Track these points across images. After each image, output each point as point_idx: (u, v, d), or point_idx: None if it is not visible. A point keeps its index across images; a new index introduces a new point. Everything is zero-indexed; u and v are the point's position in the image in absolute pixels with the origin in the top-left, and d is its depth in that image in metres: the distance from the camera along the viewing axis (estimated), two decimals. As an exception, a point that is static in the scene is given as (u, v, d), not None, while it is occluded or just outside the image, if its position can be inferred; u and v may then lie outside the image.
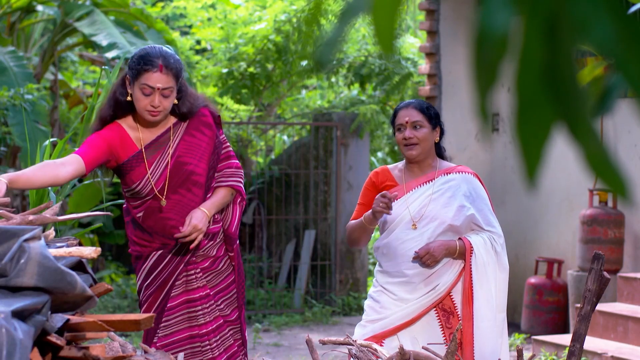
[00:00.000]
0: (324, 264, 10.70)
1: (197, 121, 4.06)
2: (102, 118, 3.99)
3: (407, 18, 13.20)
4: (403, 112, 4.26)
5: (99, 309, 9.42)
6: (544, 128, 1.03)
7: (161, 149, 4.03)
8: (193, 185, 4.05)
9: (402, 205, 4.26)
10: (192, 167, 4.04)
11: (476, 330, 4.18)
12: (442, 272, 4.22)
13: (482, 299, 4.19)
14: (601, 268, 3.55)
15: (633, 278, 7.54)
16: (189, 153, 4.04)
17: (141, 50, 3.96)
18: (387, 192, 4.13)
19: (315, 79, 12.70)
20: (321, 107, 13.09)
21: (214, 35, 12.71)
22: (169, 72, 3.90)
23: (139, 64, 3.90)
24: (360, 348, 3.49)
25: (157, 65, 3.89)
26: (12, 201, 9.87)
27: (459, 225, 4.23)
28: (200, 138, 4.06)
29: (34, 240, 2.62)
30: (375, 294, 4.30)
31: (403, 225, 4.24)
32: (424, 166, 4.32)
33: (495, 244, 4.27)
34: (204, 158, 4.06)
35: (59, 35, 10.86)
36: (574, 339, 3.52)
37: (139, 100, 3.91)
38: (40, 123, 8.91)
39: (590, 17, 1.02)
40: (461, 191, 4.26)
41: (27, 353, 2.35)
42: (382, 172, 4.37)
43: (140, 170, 4.00)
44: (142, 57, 3.92)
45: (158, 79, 3.88)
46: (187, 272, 4.13)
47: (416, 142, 4.23)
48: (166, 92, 3.91)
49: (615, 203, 8.11)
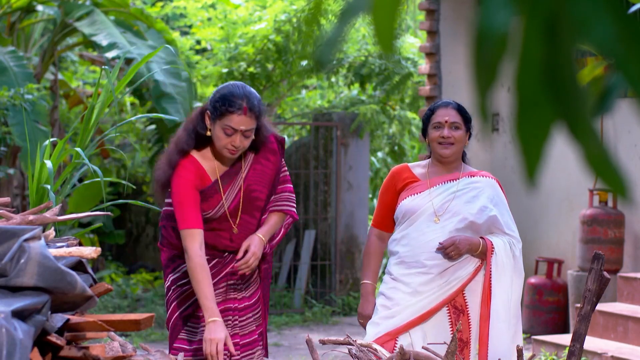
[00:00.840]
0: (324, 264, 10.70)
1: (265, 148, 4.06)
2: (182, 150, 3.95)
3: (407, 18, 13.20)
4: (443, 111, 4.29)
5: (99, 309, 9.42)
6: (544, 128, 1.03)
7: (234, 177, 4.03)
8: (256, 210, 4.08)
9: (426, 198, 4.28)
10: (258, 193, 4.06)
11: (492, 330, 4.19)
12: (458, 267, 4.24)
13: (500, 300, 4.20)
14: (601, 268, 3.55)
15: (633, 278, 7.54)
16: (257, 181, 4.05)
17: (225, 89, 3.90)
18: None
19: (315, 79, 12.70)
20: (321, 107, 13.09)
21: (214, 35, 12.71)
22: (252, 114, 3.86)
23: (223, 104, 3.85)
24: (360, 348, 3.49)
25: (241, 107, 3.84)
26: (12, 201, 9.87)
27: (480, 223, 4.26)
28: (267, 165, 4.07)
29: (34, 240, 2.62)
30: (389, 290, 4.29)
31: (425, 217, 4.27)
32: (451, 167, 4.36)
33: (515, 249, 4.31)
34: (268, 185, 4.08)
35: (59, 35, 10.86)
36: (574, 339, 3.52)
37: (220, 139, 3.88)
38: (40, 123, 8.91)
39: (590, 16, 1.02)
40: (485, 194, 4.30)
41: (27, 353, 2.35)
42: (403, 169, 4.40)
43: (216, 198, 4.01)
44: (226, 97, 3.86)
45: (241, 121, 3.85)
46: (227, 281, 4.13)
47: (452, 142, 4.29)
48: (248, 133, 3.88)
49: (615, 203, 8.11)
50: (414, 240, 4.26)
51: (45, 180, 4.12)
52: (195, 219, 3.90)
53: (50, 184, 4.08)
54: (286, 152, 11.45)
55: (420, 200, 4.28)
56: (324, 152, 10.77)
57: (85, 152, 4.26)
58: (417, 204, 4.27)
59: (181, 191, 3.92)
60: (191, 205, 3.92)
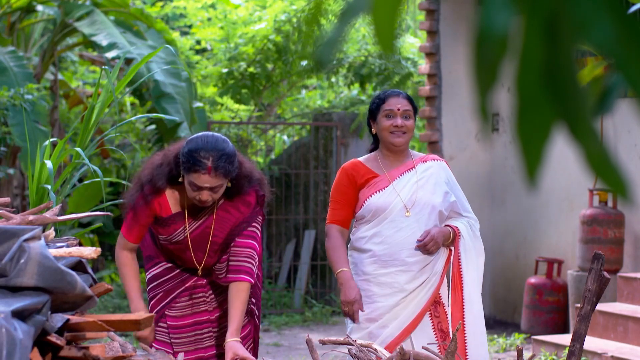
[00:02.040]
0: (324, 264, 10.70)
1: (238, 199, 3.97)
2: (157, 188, 3.91)
3: (407, 18, 13.20)
4: (394, 99, 4.28)
5: (99, 309, 9.42)
6: (544, 128, 1.03)
7: (200, 213, 3.97)
8: (213, 251, 4.02)
9: (392, 194, 4.27)
10: (216, 238, 3.99)
11: (468, 314, 4.22)
12: (435, 261, 4.26)
13: (471, 284, 4.24)
14: (601, 268, 3.55)
15: (633, 278, 7.54)
16: (218, 227, 3.98)
17: (194, 143, 3.80)
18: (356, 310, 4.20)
19: (315, 79, 12.70)
20: (321, 107, 13.09)
21: (214, 35, 12.71)
22: (217, 174, 3.76)
23: (188, 161, 3.77)
24: (360, 348, 3.49)
25: (205, 167, 3.74)
26: (12, 201, 9.87)
27: (445, 211, 4.30)
28: (234, 214, 3.99)
29: (34, 240, 2.62)
30: (363, 283, 4.28)
31: (396, 212, 4.25)
32: (401, 156, 4.34)
33: (475, 229, 4.34)
34: (226, 232, 3.99)
35: (59, 35, 10.86)
36: (574, 339, 3.52)
37: (188, 191, 3.83)
38: (40, 123, 8.91)
39: (591, 17, 1.02)
40: (442, 178, 4.34)
41: (27, 353, 2.35)
42: (356, 166, 4.34)
43: (173, 227, 3.98)
44: (191, 154, 3.77)
45: (206, 180, 3.76)
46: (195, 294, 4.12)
47: (405, 131, 4.28)
48: (215, 189, 3.81)
49: (615, 203, 8.11)
50: (389, 237, 4.25)
51: (45, 180, 4.11)
52: (135, 235, 4.01)
53: (51, 184, 4.07)
54: (286, 152, 11.46)
55: (388, 196, 4.26)
56: (324, 152, 10.78)
57: (85, 152, 4.26)
58: (385, 200, 4.25)
59: (137, 209, 3.95)
60: (138, 224, 3.99)
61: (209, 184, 3.77)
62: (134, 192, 3.96)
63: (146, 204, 3.93)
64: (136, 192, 3.95)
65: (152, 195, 3.92)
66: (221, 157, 3.77)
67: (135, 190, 3.96)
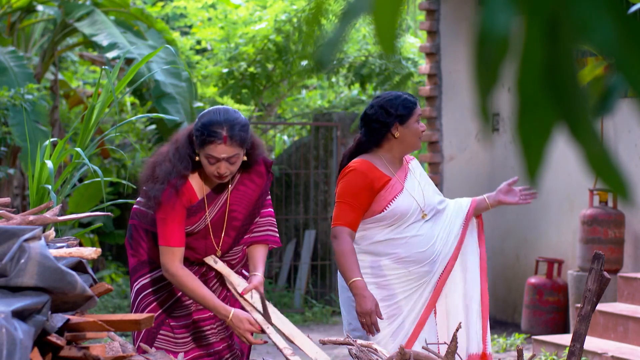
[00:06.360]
0: (324, 264, 10.70)
1: (252, 170, 3.99)
2: (183, 175, 3.87)
3: (408, 18, 13.20)
4: (419, 107, 4.34)
5: (99, 309, 9.42)
6: (545, 128, 1.03)
7: (218, 195, 3.96)
8: (232, 229, 4.01)
9: (409, 197, 4.28)
10: (237, 214, 3.99)
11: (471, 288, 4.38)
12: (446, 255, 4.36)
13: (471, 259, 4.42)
14: (601, 268, 3.55)
15: (633, 278, 7.54)
16: (238, 201, 3.99)
17: (206, 116, 3.81)
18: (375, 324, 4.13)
19: (315, 79, 12.71)
20: (321, 107, 13.10)
21: (214, 35, 12.71)
22: (233, 142, 3.77)
23: (203, 133, 3.77)
24: (360, 348, 3.49)
25: (221, 137, 3.75)
26: (12, 201, 9.87)
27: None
28: (250, 187, 4.00)
29: (34, 240, 2.62)
30: (383, 287, 4.27)
31: (415, 215, 4.29)
32: (399, 159, 4.39)
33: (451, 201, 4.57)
34: (249, 206, 4.01)
35: (59, 35, 10.86)
36: (574, 339, 3.52)
37: (206, 167, 3.82)
38: (40, 123, 8.91)
39: (591, 17, 1.02)
40: (424, 173, 4.48)
41: (27, 353, 2.35)
42: (371, 167, 4.28)
43: (199, 215, 3.95)
44: (205, 126, 3.78)
45: (223, 150, 3.77)
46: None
47: None
48: (233, 159, 3.81)
49: (615, 203, 8.11)
50: (413, 239, 4.27)
51: (45, 180, 4.11)
52: (178, 238, 3.87)
53: (51, 184, 4.08)
54: (286, 152, 11.46)
55: (407, 199, 4.28)
56: (324, 152, 10.78)
57: (85, 152, 4.26)
58: (407, 204, 4.26)
59: (168, 209, 3.86)
60: (176, 224, 3.87)
61: (225, 154, 3.77)
62: (158, 190, 3.86)
63: (177, 195, 3.86)
64: (161, 188, 3.86)
65: (181, 182, 3.86)
66: (235, 126, 3.79)
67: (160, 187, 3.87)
